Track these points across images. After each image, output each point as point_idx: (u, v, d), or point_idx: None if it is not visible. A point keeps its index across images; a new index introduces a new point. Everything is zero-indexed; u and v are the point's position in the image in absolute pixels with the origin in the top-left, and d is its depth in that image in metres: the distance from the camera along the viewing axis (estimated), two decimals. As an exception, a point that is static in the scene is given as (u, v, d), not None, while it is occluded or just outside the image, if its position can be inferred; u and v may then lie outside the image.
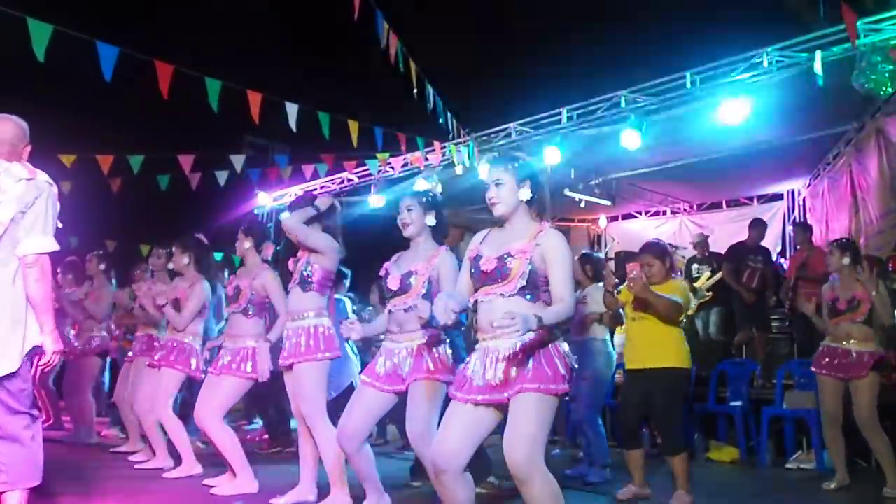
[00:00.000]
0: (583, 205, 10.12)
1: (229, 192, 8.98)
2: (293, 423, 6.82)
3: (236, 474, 4.56)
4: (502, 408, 2.75)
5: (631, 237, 10.93)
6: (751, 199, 10.76)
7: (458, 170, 8.31)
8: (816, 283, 6.13)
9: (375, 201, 9.67)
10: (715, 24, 10.48)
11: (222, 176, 8.55)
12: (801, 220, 9.42)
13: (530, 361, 2.68)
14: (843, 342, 4.97)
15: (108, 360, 7.27)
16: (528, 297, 2.75)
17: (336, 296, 6.00)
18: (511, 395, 2.67)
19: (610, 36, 12.44)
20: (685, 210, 11.33)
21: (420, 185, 8.70)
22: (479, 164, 8.13)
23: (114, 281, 6.84)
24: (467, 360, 2.89)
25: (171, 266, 5.61)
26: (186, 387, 5.72)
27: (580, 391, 5.42)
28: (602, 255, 9.66)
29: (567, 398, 5.48)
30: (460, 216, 4.87)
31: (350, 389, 6.18)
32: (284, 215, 4.18)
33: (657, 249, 4.73)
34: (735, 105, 6.23)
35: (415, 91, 7.39)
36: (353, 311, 6.72)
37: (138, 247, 8.41)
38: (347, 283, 6.81)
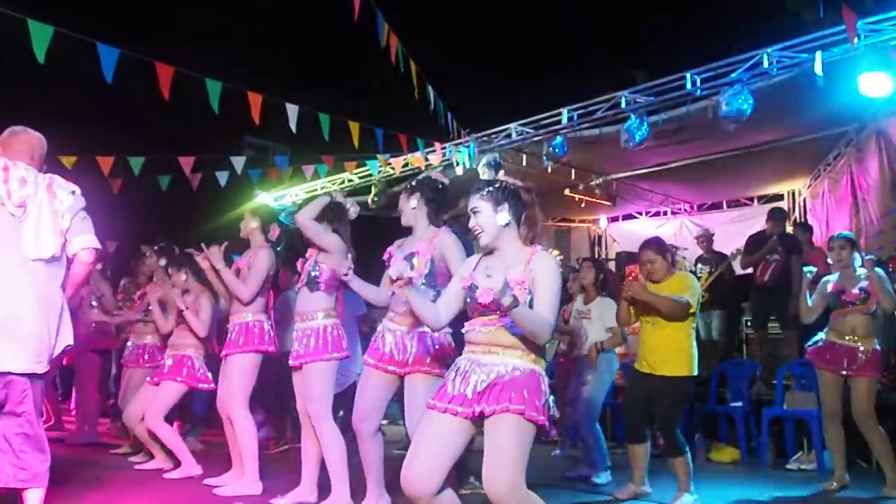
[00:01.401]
0: (583, 205, 10.12)
1: (230, 192, 8.98)
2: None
3: (243, 472, 4.56)
4: (477, 424, 2.65)
5: (631, 238, 10.90)
6: (751, 199, 10.76)
7: (459, 170, 8.31)
8: (817, 284, 6.10)
9: (376, 201, 9.65)
10: (715, 25, 10.50)
11: (223, 176, 8.54)
12: (802, 220, 9.41)
13: (515, 384, 2.58)
14: (847, 337, 4.94)
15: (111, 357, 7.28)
16: None
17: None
18: (491, 411, 2.56)
19: (610, 36, 12.47)
20: (685, 210, 11.33)
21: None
22: (479, 165, 8.14)
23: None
24: (450, 370, 2.78)
25: (162, 263, 5.65)
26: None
27: (579, 395, 5.43)
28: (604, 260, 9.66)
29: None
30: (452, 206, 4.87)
31: (353, 387, 6.18)
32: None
33: (657, 246, 4.63)
34: (735, 105, 6.20)
35: (415, 91, 7.39)
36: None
37: (139, 247, 8.41)
38: None
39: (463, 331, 2.80)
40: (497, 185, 2.82)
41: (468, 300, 2.76)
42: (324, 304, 4.13)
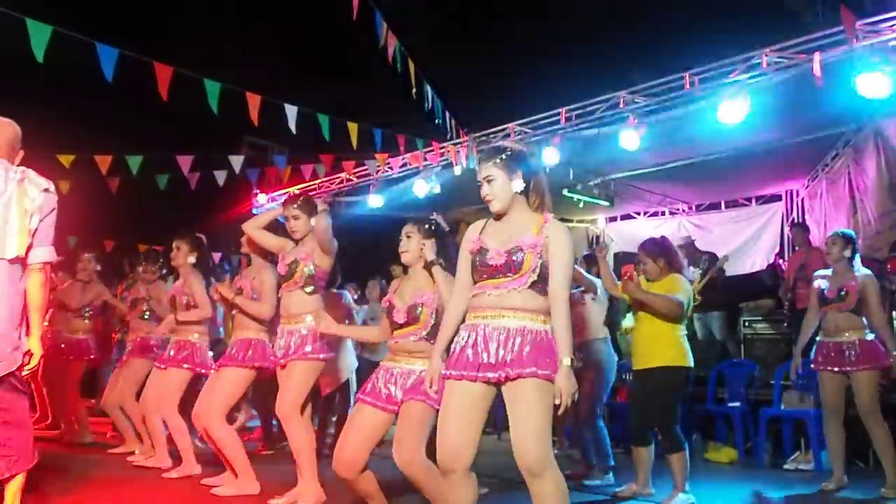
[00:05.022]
0: (581, 205, 10.11)
1: (228, 192, 8.97)
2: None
3: (237, 475, 4.56)
4: (495, 388, 2.72)
5: (630, 238, 10.91)
6: (749, 199, 10.76)
7: (457, 170, 8.30)
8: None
9: (374, 201, 9.66)
10: (713, 25, 10.51)
11: (221, 176, 8.54)
12: (800, 221, 9.41)
13: (528, 346, 2.65)
14: (836, 336, 4.99)
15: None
16: (538, 289, 2.73)
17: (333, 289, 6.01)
18: (510, 375, 2.63)
19: (609, 36, 12.47)
20: (684, 211, 11.33)
21: (419, 186, 8.69)
22: (476, 164, 8.13)
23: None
24: (459, 337, 2.81)
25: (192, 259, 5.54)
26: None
27: (580, 391, 5.41)
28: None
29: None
30: (456, 212, 4.88)
31: (346, 385, 6.17)
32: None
33: (649, 248, 4.80)
34: (733, 106, 6.22)
35: (413, 91, 7.38)
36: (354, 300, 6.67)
37: (136, 247, 8.40)
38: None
39: (471, 294, 2.84)
40: (510, 153, 2.88)
41: (477, 263, 2.81)
42: (314, 305, 4.17)
